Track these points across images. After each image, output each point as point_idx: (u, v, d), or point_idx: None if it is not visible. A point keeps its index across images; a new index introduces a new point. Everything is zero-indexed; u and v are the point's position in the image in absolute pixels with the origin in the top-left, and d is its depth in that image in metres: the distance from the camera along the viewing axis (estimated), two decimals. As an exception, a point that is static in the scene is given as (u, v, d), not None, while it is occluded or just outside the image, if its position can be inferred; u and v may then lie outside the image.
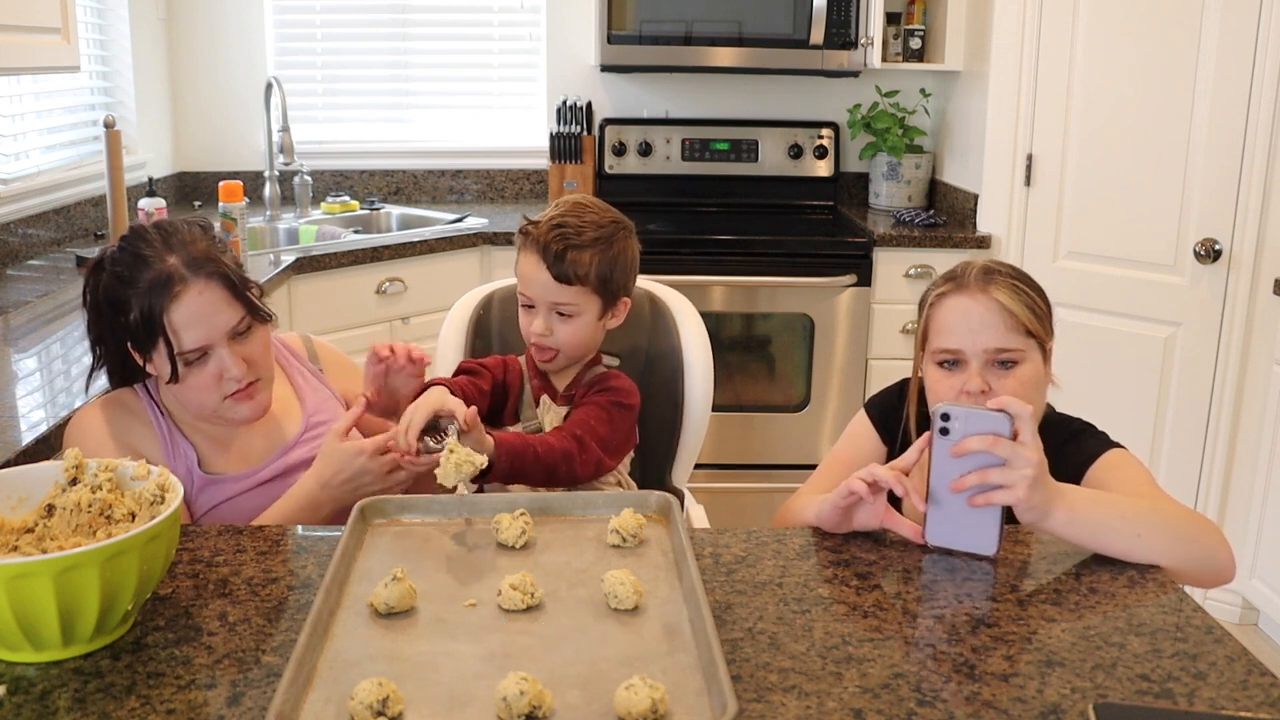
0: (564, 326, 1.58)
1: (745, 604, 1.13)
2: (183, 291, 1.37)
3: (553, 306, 1.57)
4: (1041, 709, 0.95)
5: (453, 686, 0.95)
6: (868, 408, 1.59)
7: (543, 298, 1.57)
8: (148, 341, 1.38)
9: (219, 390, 1.42)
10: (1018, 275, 1.44)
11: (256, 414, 1.48)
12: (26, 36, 2.15)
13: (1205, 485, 2.87)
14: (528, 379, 1.67)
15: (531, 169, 3.81)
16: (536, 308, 1.59)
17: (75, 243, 2.94)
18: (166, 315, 1.36)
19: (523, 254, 1.59)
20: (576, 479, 1.52)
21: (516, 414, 1.67)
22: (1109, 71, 2.87)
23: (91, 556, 0.96)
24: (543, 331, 1.58)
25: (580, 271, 1.55)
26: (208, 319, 1.39)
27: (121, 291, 1.38)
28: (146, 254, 1.38)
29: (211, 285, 1.39)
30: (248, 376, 1.43)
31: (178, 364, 1.39)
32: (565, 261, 1.54)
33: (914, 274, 3.20)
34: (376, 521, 1.28)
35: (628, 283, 1.64)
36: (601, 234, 1.57)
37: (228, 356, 1.41)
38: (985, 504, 1.21)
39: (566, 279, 1.55)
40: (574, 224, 1.56)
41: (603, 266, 1.56)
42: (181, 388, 1.42)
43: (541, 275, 1.56)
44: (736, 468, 3.29)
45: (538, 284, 1.57)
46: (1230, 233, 2.73)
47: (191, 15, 3.64)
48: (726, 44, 3.36)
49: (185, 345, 1.38)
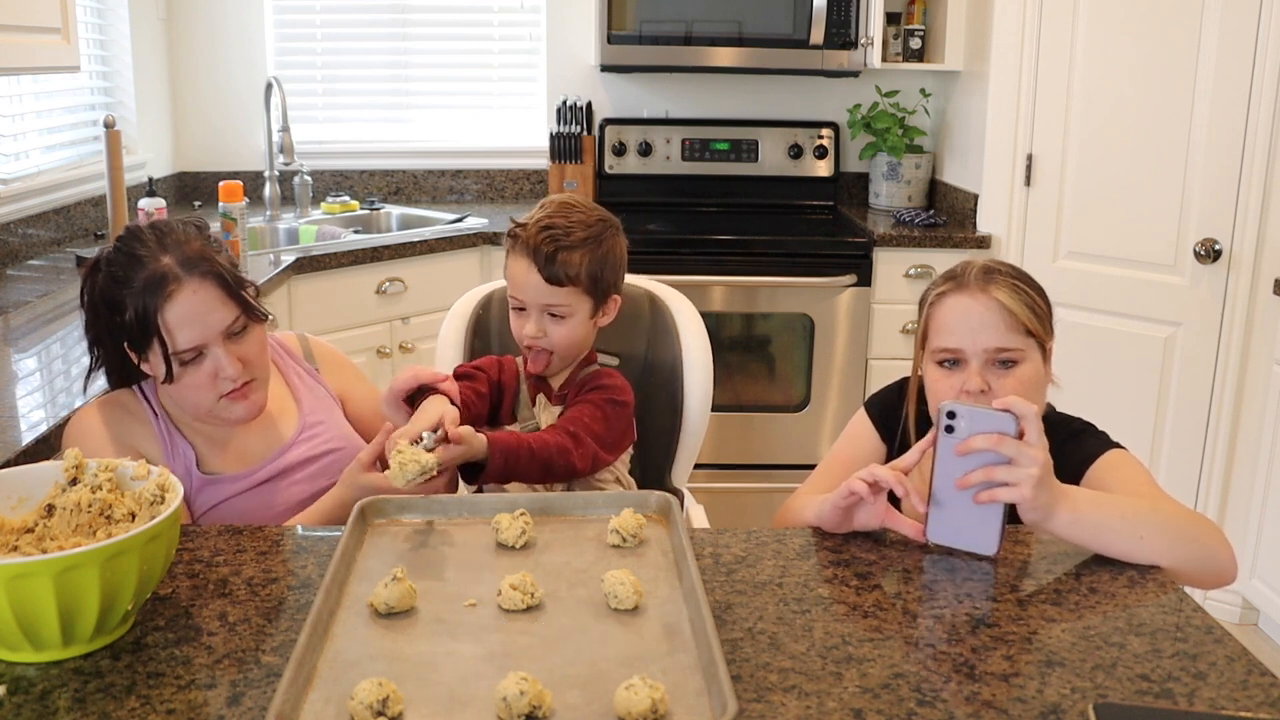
0: (557, 328, 1.58)
1: (745, 604, 1.13)
2: (176, 291, 1.37)
3: (545, 308, 1.57)
4: (1041, 709, 0.95)
5: (453, 686, 0.95)
6: (867, 407, 1.59)
7: (534, 300, 1.57)
8: (143, 341, 1.38)
9: (214, 390, 1.42)
10: (1018, 275, 1.44)
11: (252, 414, 1.47)
12: (26, 36, 2.15)
13: (1205, 485, 2.87)
14: (523, 379, 1.67)
15: (531, 169, 3.81)
16: (528, 310, 1.58)
17: (75, 243, 2.94)
18: (161, 315, 1.36)
19: (512, 257, 1.59)
20: (575, 472, 1.51)
21: (513, 414, 1.67)
22: (1109, 71, 2.87)
23: (91, 556, 0.96)
24: (535, 334, 1.58)
25: (571, 272, 1.55)
26: (202, 318, 1.38)
27: (117, 291, 1.38)
28: (141, 254, 1.38)
29: (206, 285, 1.39)
30: (243, 376, 1.43)
31: (173, 364, 1.39)
32: (556, 263, 1.54)
33: (914, 274, 3.20)
34: (376, 521, 1.28)
35: (618, 280, 1.63)
36: (590, 233, 1.57)
37: (223, 356, 1.40)
38: (990, 501, 1.21)
39: (558, 280, 1.54)
40: (562, 225, 1.55)
41: (593, 266, 1.56)
42: (177, 387, 1.42)
43: (532, 278, 1.55)
44: (736, 468, 3.29)
45: (529, 287, 1.56)
46: (1230, 233, 2.73)
47: (191, 15, 3.64)
48: (726, 44, 3.36)
49: (180, 345, 1.38)
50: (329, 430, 1.58)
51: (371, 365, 2.93)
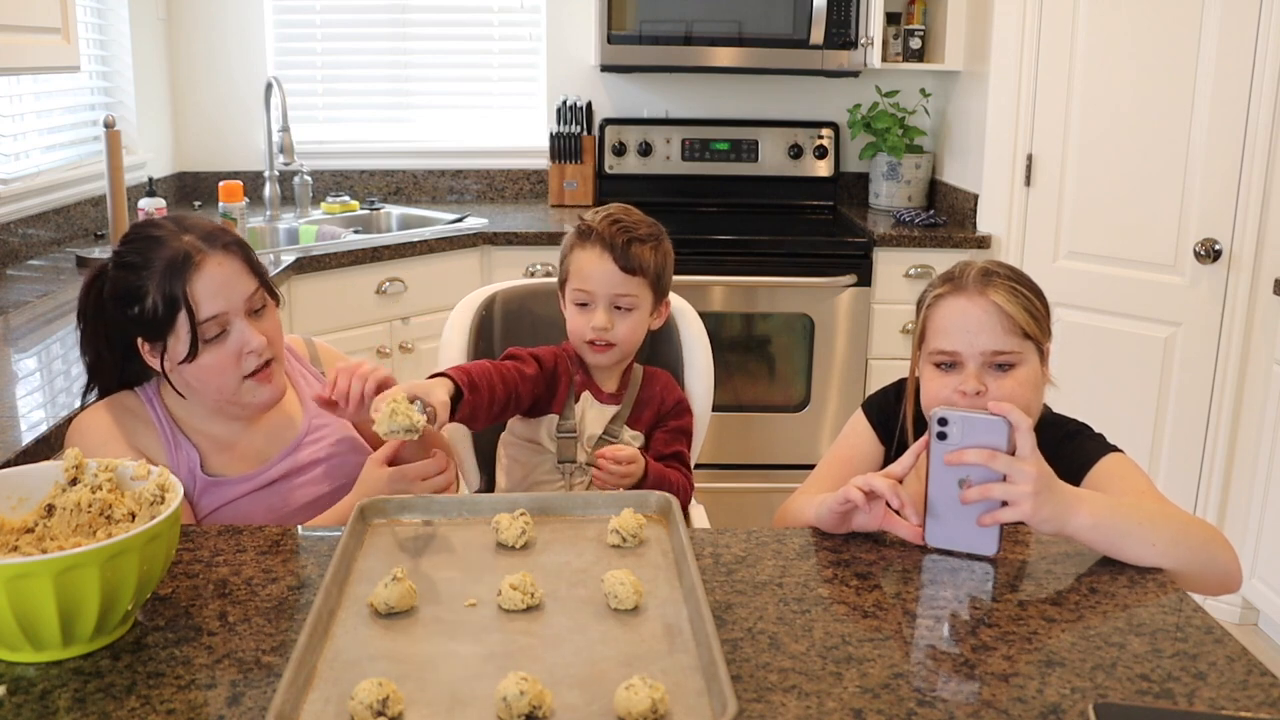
0: (623, 321, 1.63)
1: (745, 604, 1.13)
2: (204, 262, 1.38)
3: (614, 299, 1.63)
4: (1041, 709, 0.95)
5: (453, 686, 0.95)
6: (865, 407, 1.59)
7: (605, 290, 1.62)
8: (166, 322, 1.38)
9: (238, 369, 1.42)
10: (1016, 277, 1.43)
11: (275, 396, 1.47)
12: (26, 36, 2.15)
13: (1205, 485, 2.87)
14: (572, 374, 1.69)
15: (531, 169, 3.81)
16: (594, 304, 1.63)
17: (75, 243, 2.94)
18: (188, 287, 1.37)
19: (579, 251, 1.64)
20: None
21: (564, 407, 1.68)
22: (1109, 71, 2.87)
23: (91, 556, 0.96)
24: (604, 325, 1.62)
25: (643, 263, 1.62)
26: (228, 288, 1.40)
27: (134, 279, 1.38)
28: (159, 235, 1.40)
29: (230, 256, 1.42)
30: (266, 353, 1.43)
31: (198, 341, 1.38)
32: (630, 253, 1.61)
33: (914, 274, 3.20)
34: (376, 521, 1.28)
35: (670, 284, 1.72)
36: (653, 231, 1.66)
37: (247, 328, 1.41)
38: (993, 523, 1.21)
39: (631, 269, 1.61)
40: (628, 220, 1.64)
41: (658, 262, 1.65)
42: (198, 370, 1.41)
43: (605, 266, 1.61)
44: (736, 468, 3.29)
45: (600, 277, 1.62)
46: (1230, 233, 2.73)
47: (191, 15, 3.63)
48: (726, 44, 3.36)
49: (205, 314, 1.38)
50: (334, 433, 1.57)
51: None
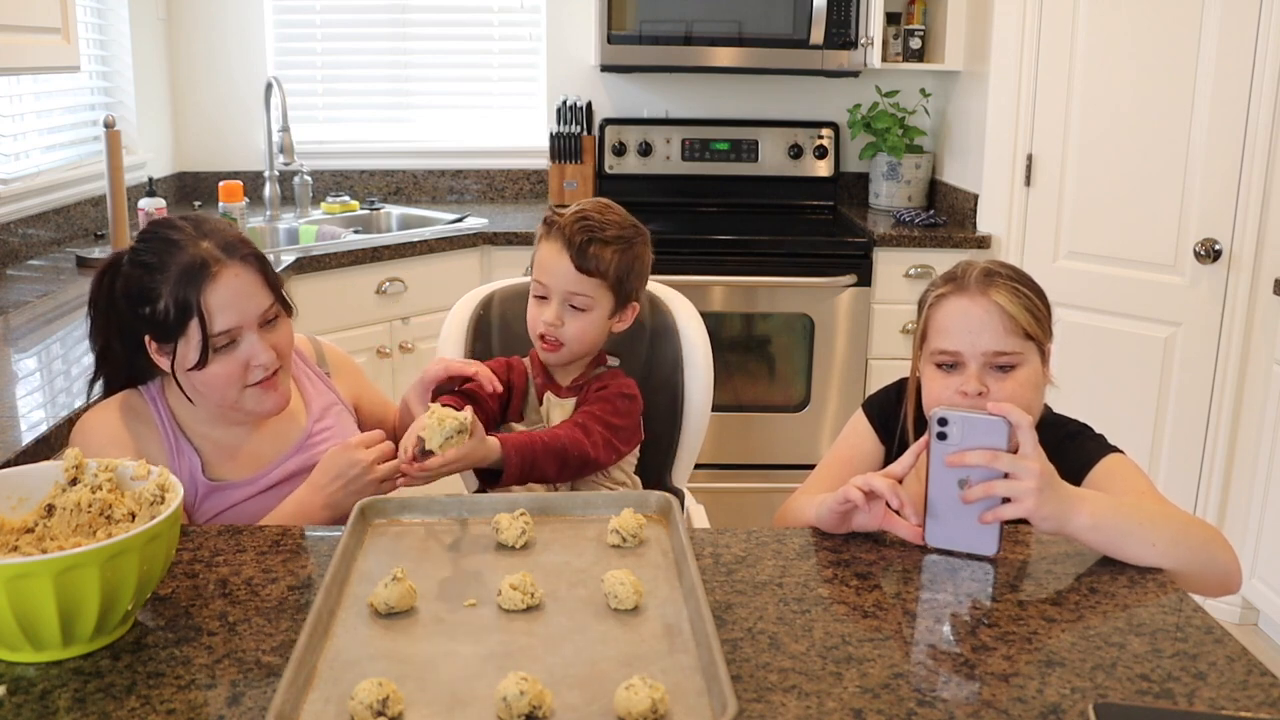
0: (574, 320, 1.61)
1: (745, 604, 1.13)
2: (220, 272, 1.36)
3: (568, 297, 1.60)
4: (1041, 709, 0.95)
5: (453, 686, 0.95)
6: (866, 407, 1.59)
7: (560, 287, 1.59)
8: (177, 327, 1.36)
9: (243, 379, 1.41)
10: (1018, 277, 1.43)
11: (279, 405, 1.46)
12: (26, 36, 2.15)
13: (1205, 485, 2.87)
14: (531, 378, 1.68)
15: (531, 169, 3.81)
16: (550, 298, 1.61)
17: (75, 243, 2.94)
18: (202, 297, 1.35)
19: (544, 243, 1.62)
20: (591, 461, 1.53)
21: (522, 414, 1.68)
22: (1109, 71, 2.87)
23: (91, 556, 0.96)
24: (553, 321, 1.60)
25: (601, 265, 1.58)
26: (243, 301, 1.38)
27: (148, 280, 1.37)
28: (177, 239, 1.38)
29: (247, 268, 1.40)
30: (273, 365, 1.42)
31: (209, 351, 1.37)
32: (588, 253, 1.58)
33: (914, 274, 3.20)
34: (376, 521, 1.28)
35: (639, 288, 1.68)
36: (623, 234, 1.62)
37: (257, 342, 1.40)
38: (995, 520, 1.21)
39: (587, 270, 1.58)
40: (598, 219, 1.60)
41: (621, 265, 1.60)
42: (204, 377, 1.39)
43: (562, 263, 1.58)
44: (736, 468, 3.29)
45: (557, 272, 1.59)
46: (1230, 233, 2.73)
47: (191, 15, 3.63)
48: (726, 44, 3.36)
49: (218, 328, 1.36)
50: (337, 435, 1.57)
51: (371, 365, 2.93)
